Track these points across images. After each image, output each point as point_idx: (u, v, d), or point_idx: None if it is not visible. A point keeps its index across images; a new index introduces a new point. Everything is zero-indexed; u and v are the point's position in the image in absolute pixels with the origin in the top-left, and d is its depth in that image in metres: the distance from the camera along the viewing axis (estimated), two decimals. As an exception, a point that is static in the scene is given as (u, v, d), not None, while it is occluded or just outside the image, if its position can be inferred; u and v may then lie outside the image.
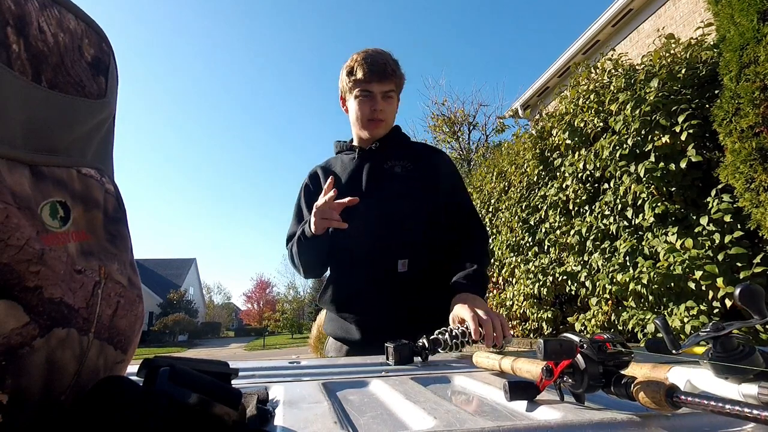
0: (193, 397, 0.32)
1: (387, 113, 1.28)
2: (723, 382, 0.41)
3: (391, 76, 1.25)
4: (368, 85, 1.24)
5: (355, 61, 1.26)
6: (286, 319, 33.19)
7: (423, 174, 1.30)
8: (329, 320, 1.33)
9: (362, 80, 1.23)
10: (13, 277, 0.28)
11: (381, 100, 1.26)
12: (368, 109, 1.26)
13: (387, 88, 1.26)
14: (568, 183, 3.59)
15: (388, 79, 1.25)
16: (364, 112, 1.27)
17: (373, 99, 1.25)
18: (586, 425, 0.37)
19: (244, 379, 0.64)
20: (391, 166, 1.30)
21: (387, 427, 0.42)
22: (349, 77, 1.26)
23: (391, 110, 1.30)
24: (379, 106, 1.26)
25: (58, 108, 0.34)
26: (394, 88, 1.28)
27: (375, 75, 1.23)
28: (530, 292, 4.14)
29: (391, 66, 1.26)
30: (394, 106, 1.32)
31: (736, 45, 2.21)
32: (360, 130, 1.32)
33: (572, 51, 7.16)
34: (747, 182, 2.16)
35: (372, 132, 1.30)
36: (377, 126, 1.28)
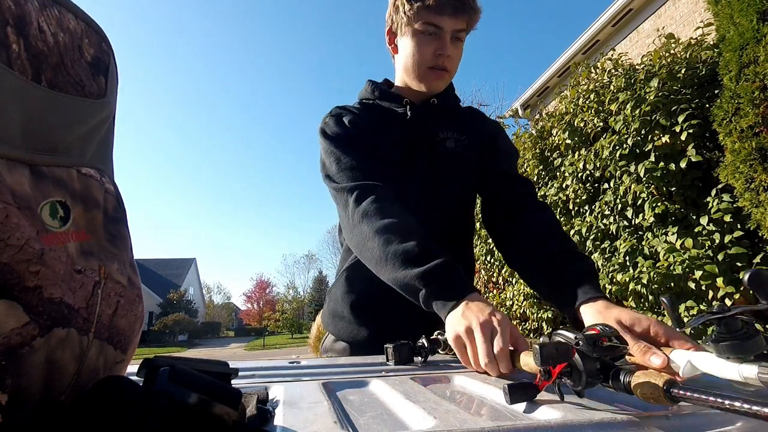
0: (193, 396, 0.32)
1: (454, 60, 0.99)
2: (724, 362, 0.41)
3: (471, 9, 0.95)
4: (439, 18, 0.93)
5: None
6: (286, 319, 33.22)
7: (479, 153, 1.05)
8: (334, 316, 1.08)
9: (433, 8, 0.92)
10: (13, 277, 0.28)
11: (450, 43, 0.96)
12: (431, 52, 0.96)
13: (460, 26, 0.96)
14: (568, 183, 3.59)
15: (464, 14, 0.94)
16: (426, 54, 0.96)
17: (441, 39, 0.95)
18: (586, 425, 0.37)
19: (244, 379, 0.64)
20: (444, 139, 1.04)
21: (387, 427, 0.42)
22: (411, 2, 0.94)
23: (457, 57, 1.00)
24: (448, 51, 0.96)
25: (58, 108, 0.34)
26: (466, 29, 0.98)
27: (450, 5, 0.92)
28: (530, 292, 4.14)
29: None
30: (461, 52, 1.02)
31: (736, 45, 2.21)
32: (415, 80, 1.01)
33: (572, 51, 7.16)
34: (747, 182, 2.16)
35: (431, 84, 1.00)
36: (440, 77, 0.99)
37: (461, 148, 1.04)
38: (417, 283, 0.77)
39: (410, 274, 0.78)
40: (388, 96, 1.06)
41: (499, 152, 1.09)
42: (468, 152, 1.05)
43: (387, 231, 0.82)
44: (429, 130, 1.04)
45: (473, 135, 1.07)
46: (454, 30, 0.95)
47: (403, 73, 1.04)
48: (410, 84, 1.03)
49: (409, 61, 0.99)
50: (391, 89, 1.08)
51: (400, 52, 1.02)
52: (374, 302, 1.01)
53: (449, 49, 0.96)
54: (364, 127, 1.01)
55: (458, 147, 1.04)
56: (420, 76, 0.99)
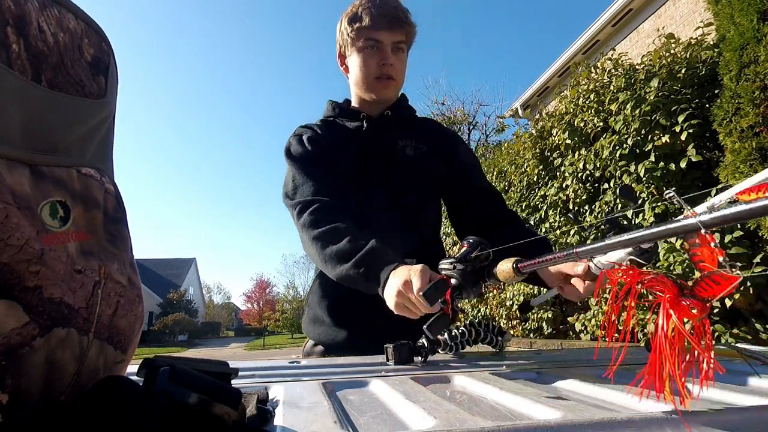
0: (193, 396, 0.32)
1: (398, 69, 1.07)
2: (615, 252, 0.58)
3: (404, 23, 1.05)
4: (376, 33, 1.03)
5: (359, 5, 1.04)
6: (286, 318, 33.19)
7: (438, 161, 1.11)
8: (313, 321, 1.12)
9: (369, 27, 1.02)
10: (13, 276, 0.28)
11: (392, 53, 1.05)
12: (375, 64, 1.05)
13: (398, 38, 1.05)
14: (568, 183, 3.59)
15: (400, 27, 1.04)
16: (371, 67, 1.05)
17: (383, 51, 1.04)
18: (585, 425, 0.37)
19: (244, 379, 0.64)
20: (403, 147, 1.10)
21: (387, 426, 0.42)
22: (351, 25, 1.05)
23: (401, 67, 1.09)
24: (390, 60, 1.04)
25: (58, 108, 0.34)
26: (405, 40, 1.07)
27: (385, 20, 1.02)
28: (530, 292, 4.14)
29: (403, 11, 1.06)
30: (404, 62, 1.10)
31: (736, 45, 2.21)
32: (364, 92, 1.09)
33: (572, 51, 7.16)
34: (747, 182, 2.16)
35: (381, 93, 1.08)
36: (387, 85, 1.07)
37: (420, 155, 1.09)
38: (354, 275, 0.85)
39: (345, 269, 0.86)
40: (347, 112, 1.14)
41: (463, 164, 1.15)
42: (427, 159, 1.10)
43: (321, 237, 0.91)
44: (387, 140, 1.10)
45: (431, 142, 1.12)
46: (393, 42, 1.05)
47: (355, 89, 1.12)
48: (363, 96, 1.11)
49: (358, 75, 1.07)
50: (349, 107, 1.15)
51: (351, 70, 1.10)
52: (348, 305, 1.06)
53: (391, 59, 1.05)
54: (324, 144, 1.08)
55: (417, 154, 1.10)
56: (369, 86, 1.07)
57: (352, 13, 1.05)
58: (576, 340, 3.69)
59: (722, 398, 0.50)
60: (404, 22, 1.05)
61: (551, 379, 0.63)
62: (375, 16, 1.02)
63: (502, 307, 4.81)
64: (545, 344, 3.78)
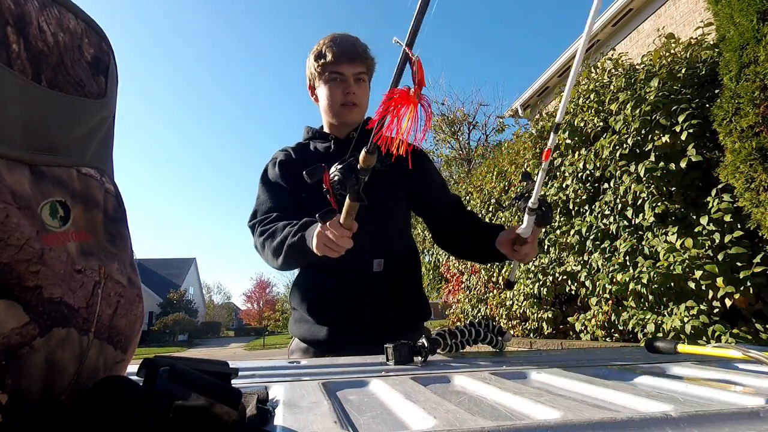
0: (192, 396, 0.32)
1: (360, 96, 1.22)
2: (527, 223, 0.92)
3: (362, 57, 1.21)
4: (338, 66, 1.18)
5: (323, 44, 1.21)
6: (286, 318, 33.15)
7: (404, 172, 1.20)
8: (296, 321, 1.26)
9: (332, 62, 1.18)
10: (13, 276, 0.28)
11: (353, 83, 1.20)
12: (340, 93, 1.20)
13: (358, 70, 1.21)
14: (568, 182, 3.59)
15: (359, 60, 1.20)
16: (336, 96, 1.20)
17: (345, 82, 1.20)
18: (585, 425, 0.37)
19: (244, 379, 0.64)
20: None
21: (387, 426, 0.42)
22: (317, 61, 1.21)
23: (363, 94, 1.24)
24: (352, 89, 1.20)
25: (58, 107, 0.34)
26: (366, 71, 1.23)
27: (345, 56, 1.18)
28: (530, 292, 4.14)
29: (361, 47, 1.22)
30: (366, 90, 1.26)
31: (736, 45, 2.21)
32: (332, 117, 1.24)
33: (572, 51, 7.16)
34: (747, 182, 2.16)
35: (345, 117, 1.22)
36: (351, 110, 1.21)
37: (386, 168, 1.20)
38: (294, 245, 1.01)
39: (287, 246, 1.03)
40: (319, 135, 1.30)
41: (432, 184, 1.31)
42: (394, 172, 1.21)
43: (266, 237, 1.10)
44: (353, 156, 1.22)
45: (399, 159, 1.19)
46: (354, 74, 1.20)
47: (324, 115, 1.27)
48: (331, 121, 1.26)
49: (326, 103, 1.23)
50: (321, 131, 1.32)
51: (320, 99, 1.25)
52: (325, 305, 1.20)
53: (353, 88, 1.20)
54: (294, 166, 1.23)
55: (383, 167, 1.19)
56: (335, 113, 1.22)
57: (318, 51, 1.21)
58: (576, 340, 3.69)
59: (722, 398, 0.50)
60: (363, 56, 1.21)
61: (551, 380, 0.63)
62: (337, 53, 1.18)
63: (502, 307, 4.81)
64: (545, 344, 3.78)
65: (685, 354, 0.83)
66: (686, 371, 0.69)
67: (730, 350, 0.78)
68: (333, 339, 1.17)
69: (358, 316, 1.18)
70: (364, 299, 1.19)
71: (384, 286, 1.20)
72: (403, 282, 1.24)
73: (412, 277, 1.28)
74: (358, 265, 1.17)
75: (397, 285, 1.22)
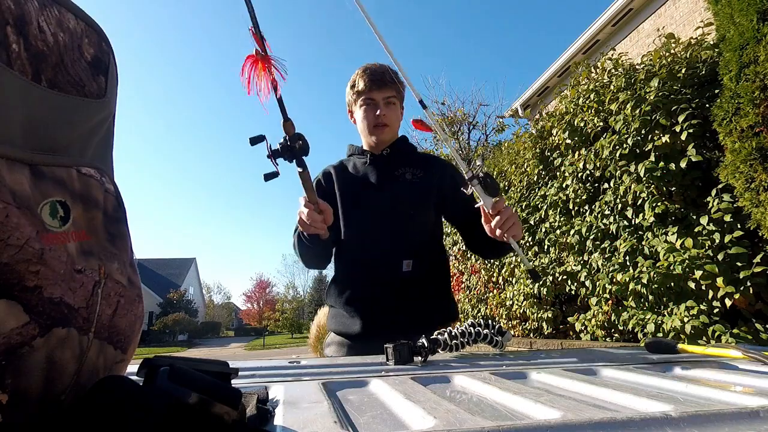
0: (192, 396, 0.32)
1: (390, 118, 1.38)
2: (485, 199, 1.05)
3: (391, 83, 1.36)
4: (370, 93, 1.35)
5: (357, 74, 1.39)
6: (286, 318, 33.21)
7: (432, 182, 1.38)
8: (332, 316, 1.39)
9: (364, 90, 1.36)
10: (13, 276, 0.28)
11: (383, 106, 1.36)
12: (372, 116, 1.36)
13: (388, 95, 1.36)
14: (568, 183, 3.59)
15: (387, 86, 1.35)
16: (369, 119, 1.37)
17: (376, 106, 1.36)
18: (585, 425, 0.37)
19: (244, 379, 0.64)
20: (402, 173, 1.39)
21: (387, 426, 0.42)
22: (352, 90, 1.39)
23: (394, 115, 1.39)
24: (382, 111, 1.36)
25: (58, 107, 0.34)
26: (395, 95, 1.38)
27: (375, 83, 1.34)
28: (530, 292, 4.14)
29: (389, 75, 1.37)
30: (398, 112, 1.41)
31: (736, 45, 2.21)
32: (368, 137, 1.41)
33: (572, 50, 7.16)
34: (747, 182, 2.16)
35: (379, 137, 1.38)
36: (383, 131, 1.37)
37: (417, 178, 1.38)
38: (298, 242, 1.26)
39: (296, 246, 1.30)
40: (359, 151, 1.47)
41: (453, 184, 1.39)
42: (425, 183, 1.38)
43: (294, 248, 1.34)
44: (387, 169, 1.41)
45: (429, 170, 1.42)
46: (384, 98, 1.36)
47: (361, 135, 1.44)
48: (368, 141, 1.42)
49: (362, 125, 1.40)
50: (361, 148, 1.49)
51: (357, 122, 1.43)
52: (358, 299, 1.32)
53: (384, 110, 1.36)
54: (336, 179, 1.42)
55: (414, 177, 1.38)
56: (369, 132, 1.39)
57: (352, 81, 1.40)
58: (576, 340, 3.69)
59: (722, 398, 0.50)
60: (391, 82, 1.36)
61: (551, 380, 0.63)
62: (367, 82, 1.35)
63: (502, 307, 4.81)
64: (545, 344, 3.78)
65: (685, 354, 0.83)
66: (686, 371, 0.69)
67: (730, 350, 0.78)
68: (366, 333, 1.28)
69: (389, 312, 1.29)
70: (393, 297, 1.29)
71: (412, 285, 1.30)
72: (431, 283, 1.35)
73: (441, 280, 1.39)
74: (388, 266, 1.31)
75: (425, 285, 1.32)
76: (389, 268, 1.31)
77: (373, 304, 1.30)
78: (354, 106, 1.42)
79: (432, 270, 1.37)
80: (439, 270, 1.41)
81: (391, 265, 1.31)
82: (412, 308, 1.29)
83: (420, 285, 1.31)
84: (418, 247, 1.34)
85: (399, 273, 1.30)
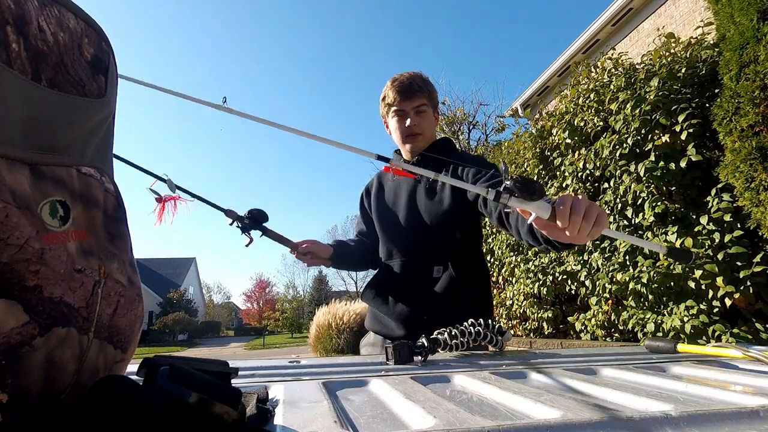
0: (192, 396, 0.32)
1: (422, 126, 1.40)
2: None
3: (419, 91, 1.37)
4: (400, 104, 1.38)
5: (387, 87, 1.42)
6: (286, 318, 33.19)
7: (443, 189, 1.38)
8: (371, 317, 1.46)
9: (394, 101, 1.38)
10: (13, 276, 0.28)
11: (414, 116, 1.38)
12: (403, 126, 1.39)
13: (418, 104, 1.37)
14: (568, 182, 3.59)
15: (416, 96, 1.37)
16: (402, 129, 1.40)
17: (407, 116, 1.38)
18: (585, 425, 0.37)
19: (244, 379, 0.64)
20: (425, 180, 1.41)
21: (387, 426, 0.42)
22: (383, 102, 1.43)
23: (426, 123, 1.41)
24: (413, 121, 1.38)
25: (58, 107, 0.34)
26: (426, 102, 1.39)
27: (404, 94, 1.36)
28: (530, 292, 4.14)
29: (418, 83, 1.38)
30: (430, 119, 1.42)
31: (736, 44, 2.21)
32: (402, 146, 1.45)
33: (572, 50, 7.16)
34: (747, 181, 2.16)
35: (412, 145, 1.41)
36: (415, 139, 1.40)
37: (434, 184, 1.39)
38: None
39: None
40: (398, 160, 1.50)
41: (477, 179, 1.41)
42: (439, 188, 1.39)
43: None
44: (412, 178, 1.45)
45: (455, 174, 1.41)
46: (414, 107, 1.38)
47: (398, 144, 1.48)
48: (403, 150, 1.47)
49: (395, 135, 1.44)
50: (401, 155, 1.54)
51: (391, 132, 1.47)
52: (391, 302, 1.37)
53: (414, 120, 1.38)
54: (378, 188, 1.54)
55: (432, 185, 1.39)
56: (403, 141, 1.43)
57: (383, 94, 1.43)
58: (576, 339, 3.69)
59: (722, 398, 0.50)
60: (419, 91, 1.37)
61: (551, 379, 0.63)
62: (396, 92, 1.37)
63: (502, 306, 4.81)
64: (545, 344, 3.78)
65: (685, 353, 0.83)
66: (686, 371, 0.70)
67: (730, 350, 0.78)
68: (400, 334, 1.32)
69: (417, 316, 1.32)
70: (424, 301, 1.32)
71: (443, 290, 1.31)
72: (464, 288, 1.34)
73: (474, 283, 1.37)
74: (418, 272, 1.34)
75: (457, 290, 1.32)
76: (420, 274, 1.34)
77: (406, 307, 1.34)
78: (387, 118, 1.45)
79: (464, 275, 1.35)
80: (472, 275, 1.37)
81: (422, 272, 1.34)
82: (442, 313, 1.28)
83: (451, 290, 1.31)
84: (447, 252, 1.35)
85: (430, 278, 1.32)
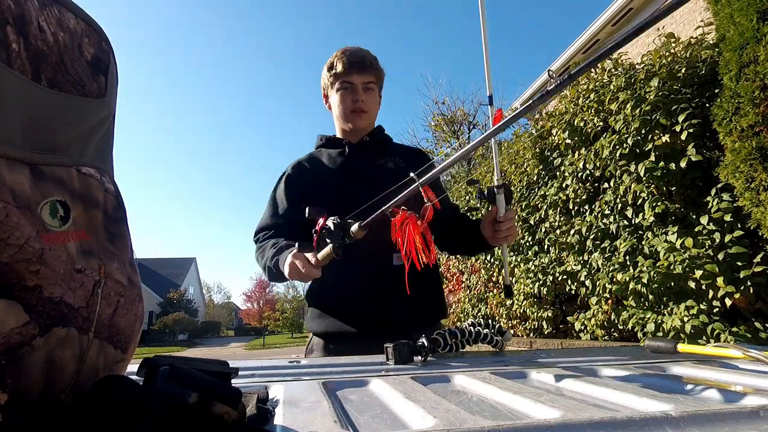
0: (192, 396, 0.32)
1: (369, 104, 1.30)
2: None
3: (370, 67, 1.28)
4: (348, 76, 1.27)
5: (335, 56, 1.30)
6: (286, 318, 33.18)
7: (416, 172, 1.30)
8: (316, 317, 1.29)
9: (342, 72, 1.27)
10: (13, 276, 0.28)
11: (362, 91, 1.29)
12: (350, 101, 1.28)
13: (367, 80, 1.29)
14: (568, 182, 3.59)
15: (367, 71, 1.28)
16: (347, 103, 1.29)
17: (355, 90, 1.28)
18: (585, 425, 0.37)
19: (244, 379, 0.64)
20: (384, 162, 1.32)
21: (387, 426, 0.42)
22: (329, 72, 1.30)
23: (372, 102, 1.32)
24: (361, 97, 1.28)
25: (58, 107, 0.34)
26: (374, 80, 1.31)
27: (355, 66, 1.26)
28: (530, 292, 4.14)
29: (370, 59, 1.29)
30: (376, 98, 1.34)
31: (736, 44, 2.21)
32: (344, 123, 1.33)
33: (572, 50, 7.16)
34: (747, 181, 2.16)
35: (356, 123, 1.30)
36: (360, 117, 1.30)
37: (400, 168, 1.29)
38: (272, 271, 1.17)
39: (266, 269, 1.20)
40: (332, 142, 1.38)
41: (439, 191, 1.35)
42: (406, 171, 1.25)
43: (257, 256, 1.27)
44: (368, 158, 1.33)
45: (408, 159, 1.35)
46: (363, 83, 1.28)
47: (337, 122, 1.36)
48: (343, 127, 1.34)
49: (338, 110, 1.32)
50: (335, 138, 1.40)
51: (332, 106, 1.34)
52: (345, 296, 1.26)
53: (362, 96, 1.29)
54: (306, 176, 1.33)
55: (397, 167, 1.30)
56: (347, 118, 1.31)
57: (330, 63, 1.30)
58: (576, 339, 3.69)
59: (722, 398, 0.50)
60: (371, 67, 1.29)
61: (551, 379, 0.63)
62: (347, 64, 1.26)
63: (502, 306, 4.81)
64: (545, 344, 3.78)
65: (685, 353, 0.83)
66: (686, 371, 0.69)
67: (730, 350, 0.77)
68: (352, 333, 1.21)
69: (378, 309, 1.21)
70: (384, 292, 1.22)
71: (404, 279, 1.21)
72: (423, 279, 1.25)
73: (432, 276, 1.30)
74: (378, 259, 1.22)
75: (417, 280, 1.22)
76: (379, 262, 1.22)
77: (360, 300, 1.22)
78: (330, 90, 1.32)
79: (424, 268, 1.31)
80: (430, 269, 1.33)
81: (382, 259, 1.22)
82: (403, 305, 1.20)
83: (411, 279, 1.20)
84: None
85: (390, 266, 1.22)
